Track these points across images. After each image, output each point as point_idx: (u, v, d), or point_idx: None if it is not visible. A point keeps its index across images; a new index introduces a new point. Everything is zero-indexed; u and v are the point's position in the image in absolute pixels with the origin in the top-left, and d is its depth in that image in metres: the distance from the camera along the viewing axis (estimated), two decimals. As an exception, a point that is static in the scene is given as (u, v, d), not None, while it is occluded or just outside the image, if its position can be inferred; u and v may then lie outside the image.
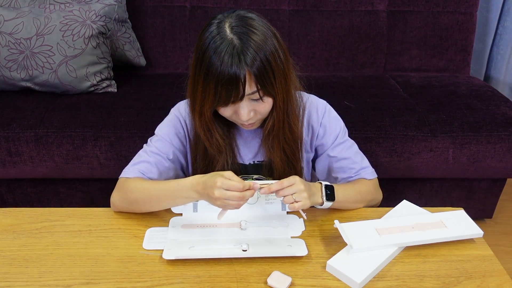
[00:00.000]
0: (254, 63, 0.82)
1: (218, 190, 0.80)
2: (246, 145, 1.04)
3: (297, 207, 0.84)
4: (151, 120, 1.50)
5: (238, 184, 0.80)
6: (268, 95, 0.88)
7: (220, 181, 0.80)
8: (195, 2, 1.90)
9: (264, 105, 0.89)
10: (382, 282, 0.79)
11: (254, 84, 0.84)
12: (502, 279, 0.80)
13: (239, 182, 0.81)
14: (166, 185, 0.91)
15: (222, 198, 0.80)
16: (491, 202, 1.74)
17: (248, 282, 0.78)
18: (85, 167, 1.51)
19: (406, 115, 1.56)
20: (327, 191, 0.92)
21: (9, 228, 0.92)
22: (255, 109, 0.89)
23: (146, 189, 0.93)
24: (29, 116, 1.52)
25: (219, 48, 0.82)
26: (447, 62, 1.98)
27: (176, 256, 0.82)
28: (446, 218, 0.92)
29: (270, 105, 0.90)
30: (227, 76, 0.82)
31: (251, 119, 0.91)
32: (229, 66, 0.81)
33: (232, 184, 0.80)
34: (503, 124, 1.52)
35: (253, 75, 0.83)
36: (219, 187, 0.80)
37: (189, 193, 0.86)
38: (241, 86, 0.83)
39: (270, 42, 0.85)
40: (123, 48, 1.82)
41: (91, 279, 0.79)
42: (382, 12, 1.92)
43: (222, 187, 0.80)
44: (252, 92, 0.85)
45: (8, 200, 1.66)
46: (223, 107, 0.88)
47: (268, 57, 0.84)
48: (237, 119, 0.91)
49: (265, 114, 0.92)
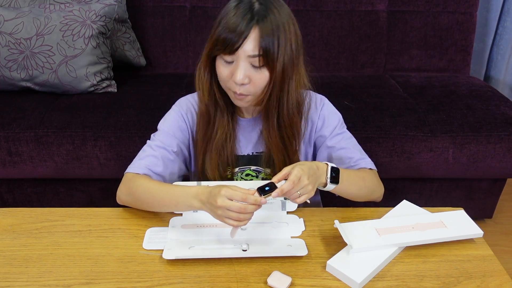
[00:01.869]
0: (266, 28, 0.86)
1: (221, 198, 0.78)
2: (245, 136, 1.05)
3: (301, 201, 0.83)
4: (151, 120, 1.50)
5: (241, 194, 0.78)
6: (267, 67, 0.89)
7: (224, 190, 0.79)
8: (195, 2, 1.90)
9: (262, 75, 0.90)
10: (382, 282, 0.79)
11: (258, 46, 0.86)
12: (502, 279, 0.80)
13: (243, 192, 0.79)
14: (171, 190, 0.91)
15: (224, 207, 0.78)
16: (491, 202, 1.74)
17: (248, 282, 0.78)
18: (85, 167, 1.51)
19: (406, 115, 1.56)
20: (332, 173, 0.89)
21: (9, 228, 0.92)
22: (250, 77, 0.89)
23: (151, 191, 0.92)
24: (29, 116, 1.52)
25: (239, 5, 0.88)
26: (447, 62, 1.98)
27: (176, 256, 0.82)
28: (446, 218, 0.92)
29: (265, 81, 0.90)
30: (233, 25, 0.86)
31: (245, 88, 0.90)
32: (241, 18, 0.86)
33: (235, 193, 0.78)
34: (503, 124, 1.52)
35: (260, 37, 0.86)
36: (222, 195, 0.79)
37: (192, 201, 0.85)
38: (242, 38, 0.85)
39: (288, 23, 0.89)
40: (123, 48, 1.83)
41: (91, 279, 0.79)
42: (382, 12, 1.92)
43: (225, 195, 0.78)
44: (253, 55, 0.87)
45: (8, 200, 1.66)
46: (224, 61, 0.90)
47: (281, 33, 0.87)
48: (231, 85, 0.91)
49: (258, 88, 0.92)
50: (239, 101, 0.95)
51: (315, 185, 0.86)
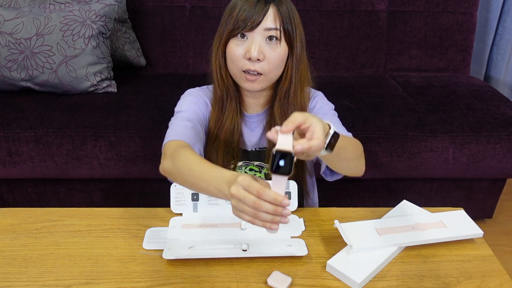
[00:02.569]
0: (282, 8, 0.91)
1: (236, 186, 0.67)
2: (250, 132, 1.06)
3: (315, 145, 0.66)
4: (151, 120, 1.50)
5: (257, 186, 0.64)
6: (286, 41, 0.93)
7: (241, 177, 0.67)
8: (195, 2, 1.90)
9: (277, 52, 0.92)
10: (382, 282, 0.79)
11: (277, 21, 0.90)
12: (502, 279, 0.80)
13: (262, 185, 0.65)
14: (208, 168, 0.79)
15: (237, 197, 0.67)
16: (491, 202, 1.74)
17: (248, 282, 0.78)
18: (85, 167, 1.51)
19: (406, 115, 1.56)
20: (331, 139, 0.73)
21: (9, 228, 0.92)
22: (266, 54, 0.91)
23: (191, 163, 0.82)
24: (29, 116, 1.52)
25: None
26: (447, 62, 1.98)
27: (176, 256, 0.82)
28: (446, 218, 0.92)
29: (282, 56, 0.93)
30: (253, 2, 0.90)
31: (259, 65, 0.92)
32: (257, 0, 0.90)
33: (251, 184, 0.65)
34: (503, 124, 1.53)
35: (277, 12, 0.90)
36: (238, 183, 0.67)
37: (223, 187, 0.73)
38: (263, 13, 0.89)
39: (297, 14, 0.95)
40: (123, 48, 1.83)
41: (91, 279, 0.79)
42: (382, 12, 1.92)
43: (242, 183, 0.66)
44: (271, 27, 0.90)
45: (8, 200, 1.66)
46: (237, 39, 0.92)
47: (295, 16, 0.94)
48: (244, 63, 0.92)
49: (274, 66, 0.93)
50: (250, 83, 0.95)
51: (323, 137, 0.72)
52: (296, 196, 0.97)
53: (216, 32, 0.98)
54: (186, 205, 0.96)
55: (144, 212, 0.97)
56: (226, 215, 0.95)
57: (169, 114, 1.11)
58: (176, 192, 0.96)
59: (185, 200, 0.96)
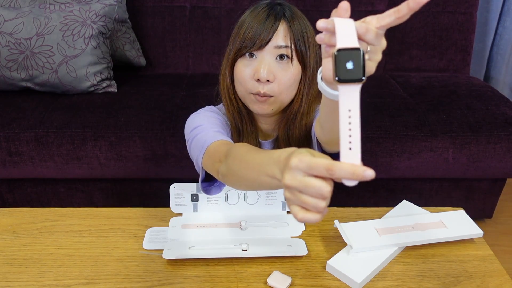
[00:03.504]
0: (294, 25, 0.84)
1: (291, 173, 0.49)
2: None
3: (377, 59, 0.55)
4: (151, 120, 1.50)
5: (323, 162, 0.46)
6: (299, 60, 0.85)
7: (298, 159, 0.48)
8: (195, 2, 1.90)
9: (288, 72, 0.84)
10: (382, 282, 0.79)
11: (288, 38, 0.83)
12: (502, 279, 0.80)
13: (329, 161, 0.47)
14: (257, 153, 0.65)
15: (295, 188, 0.49)
16: (491, 202, 1.74)
17: (248, 282, 0.78)
18: (85, 167, 1.51)
19: (406, 115, 1.56)
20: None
21: (9, 228, 0.92)
22: (276, 75, 0.84)
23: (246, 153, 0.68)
24: (29, 116, 1.52)
25: (261, 4, 0.86)
26: (447, 62, 1.98)
27: (176, 256, 0.82)
28: (446, 218, 0.92)
29: (294, 77, 0.85)
30: (263, 20, 0.82)
31: (268, 88, 0.84)
32: (267, 15, 0.83)
33: (315, 163, 0.47)
34: (503, 124, 1.53)
35: (288, 29, 0.83)
36: (293, 169, 0.49)
37: (273, 170, 0.57)
38: (272, 31, 0.82)
39: (311, 31, 0.87)
40: (123, 48, 1.83)
41: (91, 279, 0.79)
42: (382, 12, 1.92)
43: (299, 167, 0.48)
44: (282, 45, 0.83)
45: (8, 200, 1.66)
46: (245, 59, 0.85)
47: (309, 34, 0.86)
48: (253, 85, 0.84)
49: (285, 88, 0.85)
50: (260, 105, 0.87)
51: None
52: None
53: (225, 53, 0.91)
54: (186, 205, 0.96)
55: (144, 212, 0.97)
56: (226, 215, 0.96)
57: (170, 114, 1.10)
58: (176, 192, 0.96)
59: (185, 200, 0.96)
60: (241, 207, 0.96)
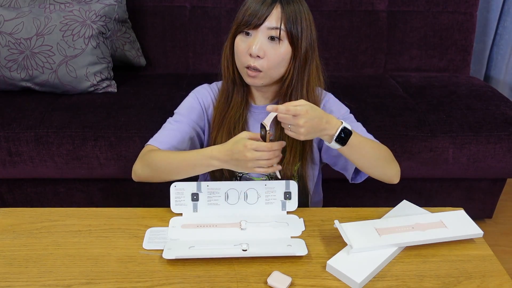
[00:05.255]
0: (289, 7, 0.93)
1: (249, 152, 0.84)
2: (256, 124, 1.06)
3: (289, 134, 0.85)
4: (151, 120, 1.50)
5: (266, 144, 0.84)
6: (289, 40, 0.94)
7: (248, 143, 0.84)
8: (195, 2, 1.90)
9: (277, 51, 0.94)
10: (382, 282, 0.79)
11: (279, 21, 0.92)
12: (502, 279, 0.80)
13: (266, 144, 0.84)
14: (187, 154, 0.96)
15: (254, 159, 0.84)
16: (491, 202, 1.74)
17: (248, 282, 0.78)
18: (85, 167, 1.51)
19: (406, 115, 1.56)
20: (341, 134, 0.87)
21: (9, 228, 0.92)
22: (266, 51, 0.94)
23: (167, 159, 0.98)
24: (29, 116, 1.52)
25: None
26: (447, 62, 1.98)
27: (176, 256, 0.82)
28: (446, 218, 0.92)
29: (282, 56, 0.95)
30: (260, 2, 0.92)
31: (258, 63, 0.94)
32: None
33: (260, 145, 0.84)
34: (503, 124, 1.53)
35: (281, 12, 0.92)
36: (249, 149, 0.84)
37: (209, 161, 0.91)
38: (266, 13, 0.91)
39: (308, 14, 0.96)
40: (123, 48, 1.83)
41: (91, 279, 0.79)
42: (382, 12, 1.92)
43: (251, 147, 0.84)
44: (273, 27, 0.92)
45: (8, 200, 1.66)
46: (242, 35, 0.95)
47: (303, 16, 0.94)
48: (246, 59, 0.95)
49: (274, 64, 0.95)
50: (251, 79, 0.98)
51: (310, 134, 0.85)
52: (296, 196, 0.97)
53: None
54: (186, 205, 0.96)
55: (144, 212, 0.97)
56: (226, 215, 0.96)
57: (169, 114, 1.12)
58: (176, 192, 0.96)
59: (185, 200, 0.96)
60: (241, 207, 0.96)
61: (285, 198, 0.97)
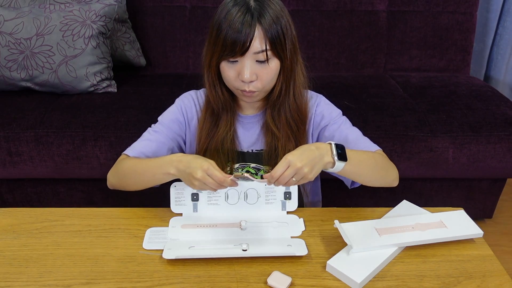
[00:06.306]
0: (267, 22, 0.88)
1: (201, 173, 0.82)
2: (245, 133, 1.06)
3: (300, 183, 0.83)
4: (151, 120, 1.49)
5: (221, 177, 0.81)
6: (276, 56, 0.92)
7: (207, 166, 0.82)
8: (195, 2, 1.90)
9: (268, 70, 0.92)
10: (382, 282, 0.79)
11: (263, 42, 0.89)
12: (502, 279, 0.80)
13: (222, 176, 0.82)
14: (149, 161, 0.95)
15: (201, 181, 0.82)
16: (491, 202, 1.74)
17: (248, 282, 0.78)
18: (85, 167, 1.51)
19: (406, 115, 1.56)
20: (338, 150, 0.84)
21: (9, 228, 0.92)
22: (258, 74, 0.92)
23: (133, 166, 0.97)
24: (29, 116, 1.52)
25: (235, 7, 0.89)
26: (447, 62, 1.98)
27: (176, 256, 0.82)
28: (446, 218, 0.92)
29: (274, 72, 0.93)
30: (238, 27, 0.87)
31: (253, 85, 0.93)
32: (242, 20, 0.87)
33: (216, 174, 0.81)
34: (503, 124, 1.53)
35: (263, 33, 0.89)
36: (204, 170, 0.82)
37: (168, 168, 0.88)
38: (249, 38, 0.87)
39: (283, 11, 0.92)
40: (123, 48, 1.83)
41: (91, 279, 0.79)
42: (382, 12, 1.92)
43: (207, 171, 0.82)
44: (259, 51, 0.89)
45: (8, 200, 1.66)
46: (228, 61, 0.92)
47: (282, 20, 0.91)
48: (239, 84, 0.93)
49: (268, 82, 0.94)
50: (248, 98, 0.97)
51: (314, 167, 0.81)
52: (296, 196, 0.97)
53: (204, 47, 0.99)
54: (186, 205, 0.96)
55: (144, 212, 0.97)
56: (226, 215, 0.96)
57: (169, 114, 1.12)
58: (176, 192, 0.96)
59: (185, 200, 0.96)
60: (241, 207, 0.96)
61: (285, 198, 0.97)
